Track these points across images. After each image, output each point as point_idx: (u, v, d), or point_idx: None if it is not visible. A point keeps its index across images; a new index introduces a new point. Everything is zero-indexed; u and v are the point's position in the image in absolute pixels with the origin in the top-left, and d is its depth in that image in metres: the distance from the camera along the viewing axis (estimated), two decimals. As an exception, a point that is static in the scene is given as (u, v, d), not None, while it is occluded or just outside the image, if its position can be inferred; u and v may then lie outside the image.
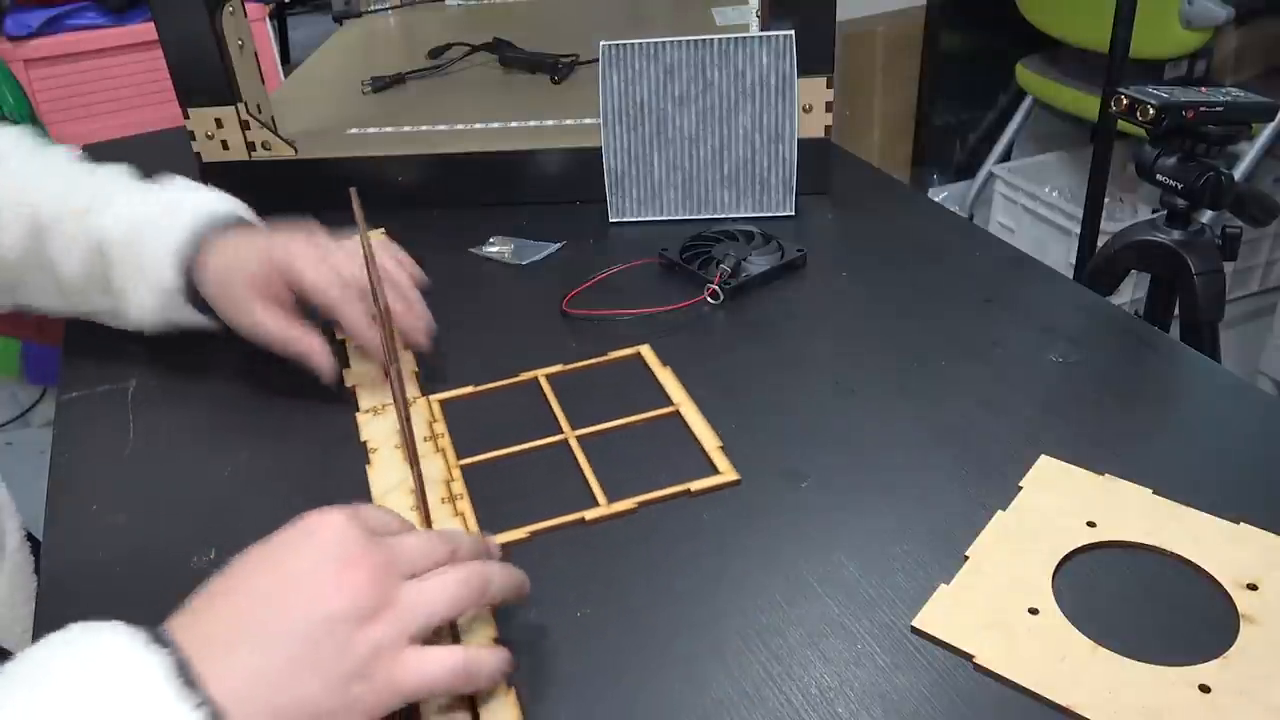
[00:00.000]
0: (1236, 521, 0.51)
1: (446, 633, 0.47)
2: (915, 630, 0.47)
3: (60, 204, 0.69)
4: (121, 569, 0.55)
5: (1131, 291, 1.79)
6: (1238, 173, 1.79)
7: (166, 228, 0.66)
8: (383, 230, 0.88)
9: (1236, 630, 0.46)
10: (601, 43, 0.82)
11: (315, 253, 0.64)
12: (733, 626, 0.48)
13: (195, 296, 0.67)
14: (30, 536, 0.72)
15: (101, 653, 0.38)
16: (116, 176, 0.72)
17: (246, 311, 0.65)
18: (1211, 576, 0.48)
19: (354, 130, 0.97)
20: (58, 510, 0.60)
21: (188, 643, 0.39)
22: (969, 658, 0.45)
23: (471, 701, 0.45)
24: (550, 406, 0.64)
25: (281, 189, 0.92)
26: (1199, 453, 0.58)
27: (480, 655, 0.44)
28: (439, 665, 0.42)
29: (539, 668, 0.47)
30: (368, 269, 0.63)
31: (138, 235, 0.67)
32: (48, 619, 0.53)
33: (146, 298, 0.67)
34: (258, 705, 0.39)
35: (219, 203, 0.69)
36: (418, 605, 0.42)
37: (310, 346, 0.64)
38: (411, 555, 0.44)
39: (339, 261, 0.65)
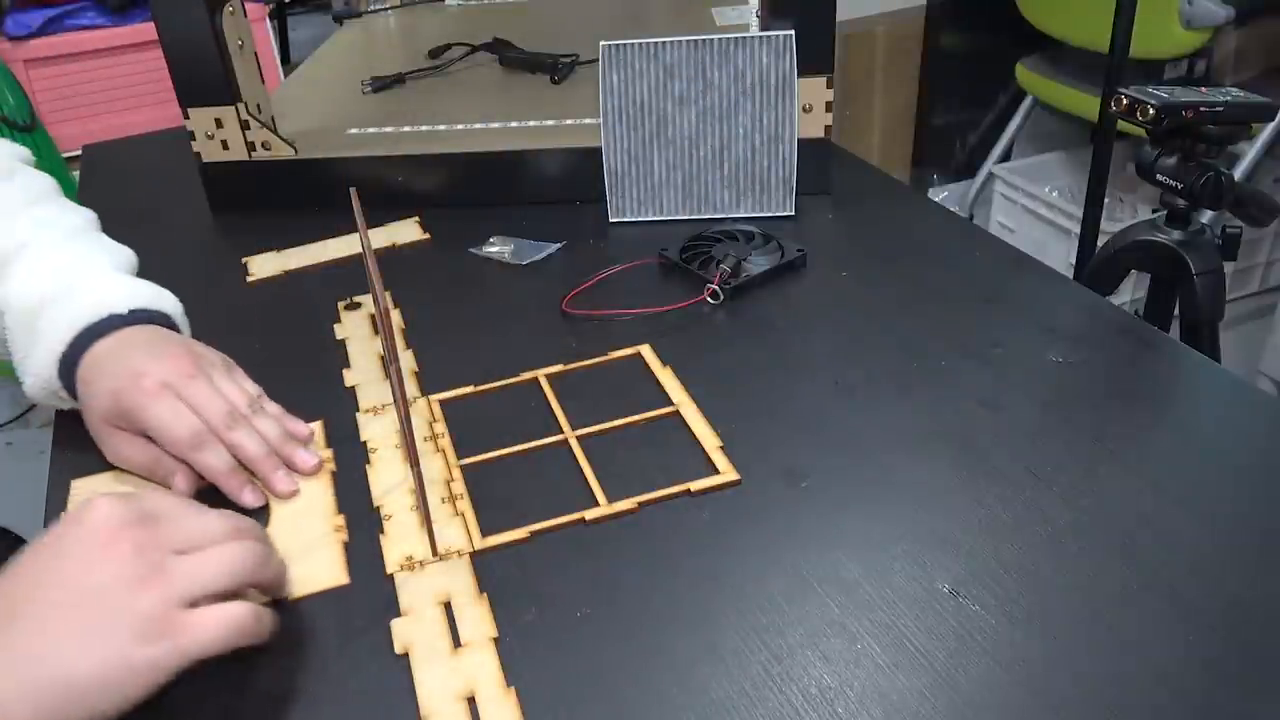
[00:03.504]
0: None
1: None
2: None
3: None
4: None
5: (1131, 291, 1.79)
6: (1238, 173, 1.79)
7: (54, 321, 0.62)
8: (416, 219, 0.88)
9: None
10: (601, 43, 0.82)
11: (168, 396, 0.58)
12: (732, 626, 0.48)
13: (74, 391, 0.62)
14: (16, 538, 0.72)
15: None
16: (40, 226, 0.67)
17: (108, 447, 0.60)
18: None
19: (354, 130, 0.97)
20: (58, 511, 0.60)
21: None
22: None
23: (471, 701, 0.45)
24: (550, 406, 0.64)
25: (281, 189, 0.92)
26: (1199, 453, 0.58)
27: (258, 609, 0.46)
28: (218, 621, 0.44)
29: (539, 668, 0.47)
30: (366, 269, 0.63)
31: (30, 320, 0.63)
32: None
33: (33, 383, 0.63)
34: (25, 686, 0.40)
35: (111, 297, 0.63)
36: (190, 574, 0.44)
37: (171, 472, 0.58)
38: (184, 531, 0.46)
39: (198, 400, 0.58)
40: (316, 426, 0.64)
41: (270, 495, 0.58)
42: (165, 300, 0.66)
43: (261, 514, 0.58)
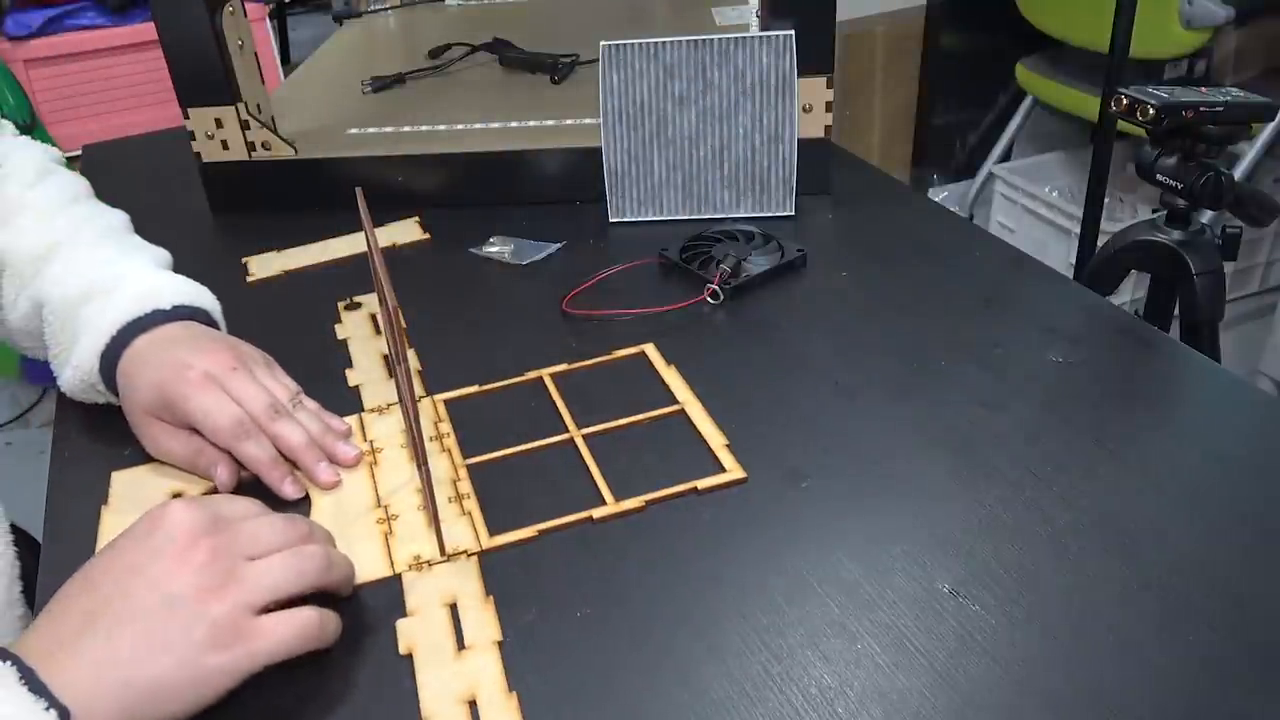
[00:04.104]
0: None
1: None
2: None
3: (21, 244, 0.68)
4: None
5: (1131, 291, 1.79)
6: (1238, 173, 1.79)
7: (97, 314, 0.62)
8: (416, 219, 0.88)
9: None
10: (601, 43, 0.82)
11: (212, 387, 0.58)
12: (733, 627, 0.48)
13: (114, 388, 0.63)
14: (29, 538, 0.72)
15: None
16: (79, 225, 0.69)
17: (148, 438, 0.61)
18: None
19: (354, 130, 0.97)
20: (58, 510, 0.60)
21: (35, 651, 0.42)
22: None
23: (472, 705, 0.45)
24: (555, 406, 0.64)
25: (281, 189, 0.92)
26: (1199, 453, 0.58)
27: (325, 612, 0.47)
28: (287, 627, 0.46)
29: (540, 668, 0.47)
30: (373, 268, 0.63)
31: (70, 313, 0.64)
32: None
33: (72, 375, 0.64)
34: (108, 689, 0.42)
35: (155, 291, 0.64)
36: (260, 580, 0.46)
37: (213, 464, 0.59)
38: (254, 535, 0.48)
39: (241, 392, 0.59)
40: (352, 421, 0.64)
41: (313, 487, 0.59)
42: (205, 297, 0.67)
43: (303, 507, 0.58)
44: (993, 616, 0.48)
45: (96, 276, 0.65)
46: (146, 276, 0.65)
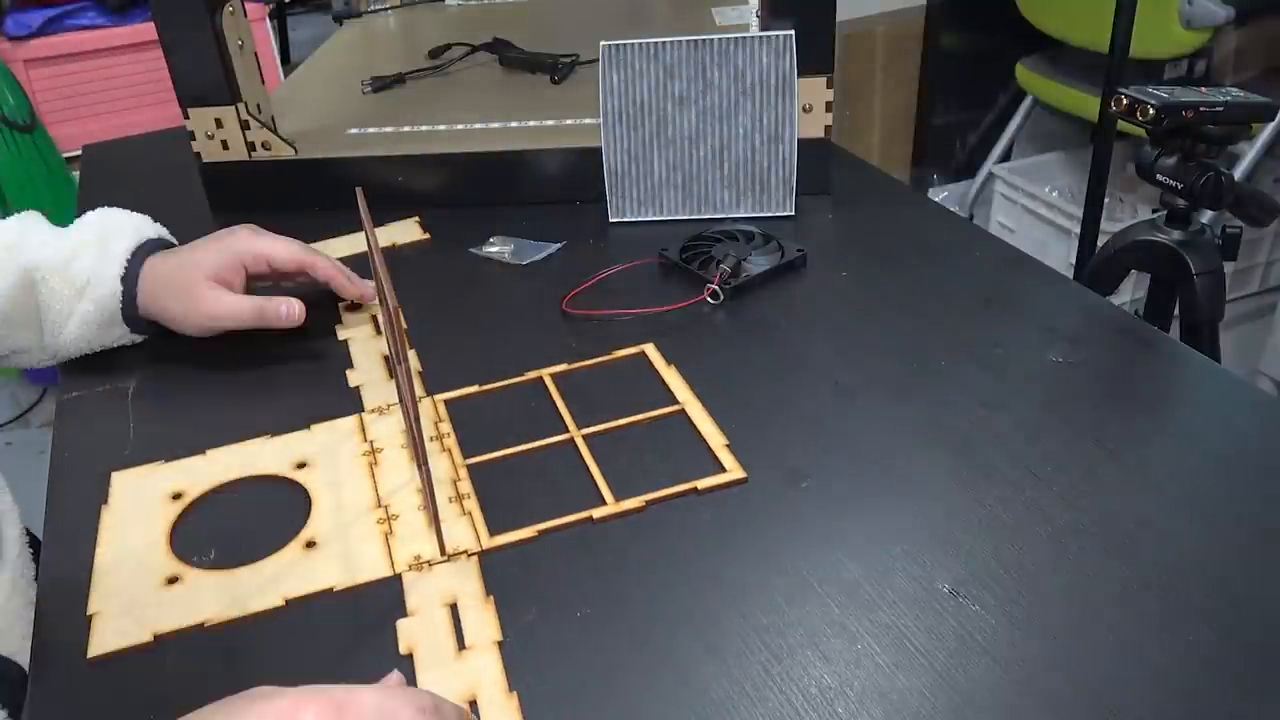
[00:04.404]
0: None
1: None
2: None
3: None
4: (122, 569, 0.55)
5: (1131, 291, 1.79)
6: (1238, 173, 1.79)
7: (106, 247, 0.70)
8: (416, 219, 0.88)
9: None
10: (602, 43, 0.82)
11: (266, 234, 0.72)
12: (733, 627, 0.48)
13: (129, 312, 0.71)
14: (30, 536, 0.72)
15: None
16: (27, 217, 0.74)
17: (213, 301, 0.69)
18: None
19: (354, 130, 0.97)
20: (58, 510, 0.60)
21: None
22: None
23: (473, 704, 0.45)
24: (555, 405, 0.64)
25: (281, 189, 0.92)
26: (1199, 453, 0.58)
27: None
28: None
29: (540, 668, 0.47)
30: (374, 268, 0.63)
31: (72, 257, 0.70)
32: (48, 619, 0.53)
33: (85, 315, 0.69)
34: None
35: (142, 225, 0.74)
36: None
37: (282, 302, 0.70)
38: None
39: (283, 239, 0.73)
40: (352, 421, 0.64)
41: (313, 488, 0.59)
42: (162, 230, 0.76)
43: (304, 508, 0.58)
44: (993, 616, 0.48)
45: (80, 235, 0.71)
46: (124, 217, 0.74)
